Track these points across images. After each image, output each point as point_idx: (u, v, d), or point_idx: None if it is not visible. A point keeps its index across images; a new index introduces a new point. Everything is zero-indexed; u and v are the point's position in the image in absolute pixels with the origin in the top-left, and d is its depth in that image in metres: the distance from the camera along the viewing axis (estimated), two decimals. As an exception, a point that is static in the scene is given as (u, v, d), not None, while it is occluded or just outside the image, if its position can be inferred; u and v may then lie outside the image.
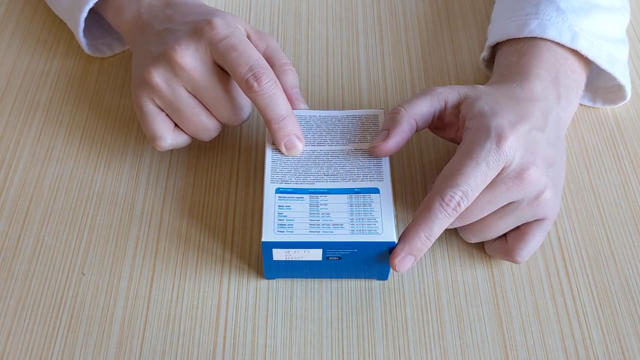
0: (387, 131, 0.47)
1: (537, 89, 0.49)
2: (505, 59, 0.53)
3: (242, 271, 0.49)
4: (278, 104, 0.47)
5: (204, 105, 0.49)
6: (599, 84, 0.57)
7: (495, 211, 0.46)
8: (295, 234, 0.44)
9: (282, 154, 0.48)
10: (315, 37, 0.63)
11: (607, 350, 0.46)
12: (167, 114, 0.49)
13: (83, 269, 0.49)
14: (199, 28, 0.47)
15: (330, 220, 0.44)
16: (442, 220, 0.43)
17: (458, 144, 0.47)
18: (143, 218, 0.51)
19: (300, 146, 0.47)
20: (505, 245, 0.47)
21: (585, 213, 0.52)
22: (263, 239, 0.44)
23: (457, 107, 0.48)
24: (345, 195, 0.46)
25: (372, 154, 0.48)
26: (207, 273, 0.49)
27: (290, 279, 0.48)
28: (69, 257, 0.49)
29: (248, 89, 0.46)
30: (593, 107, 0.59)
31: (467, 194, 0.43)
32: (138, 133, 0.56)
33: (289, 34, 0.63)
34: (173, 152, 0.55)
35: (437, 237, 0.44)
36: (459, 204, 0.43)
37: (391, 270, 0.48)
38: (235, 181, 0.53)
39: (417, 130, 0.48)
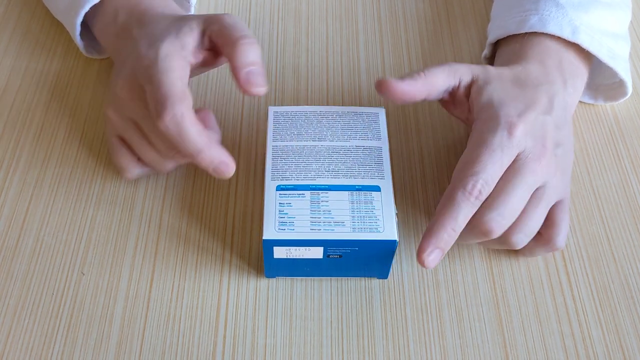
0: (403, 79, 0.47)
1: (541, 73, 0.49)
2: (506, 51, 0.53)
3: (242, 271, 0.49)
4: (188, 141, 0.44)
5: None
6: (601, 81, 0.57)
7: (529, 203, 0.45)
8: (296, 231, 0.44)
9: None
10: (315, 36, 0.63)
11: (607, 349, 0.46)
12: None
13: (83, 269, 0.49)
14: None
15: (332, 218, 0.44)
16: (466, 210, 0.43)
17: (464, 122, 0.49)
18: (143, 218, 0.51)
19: (230, 170, 0.46)
20: (541, 238, 0.47)
21: (585, 213, 0.52)
22: (264, 237, 0.44)
23: (469, 87, 0.49)
24: (347, 192, 0.46)
25: (378, 89, 0.47)
26: (207, 273, 0.49)
27: (290, 278, 0.48)
28: (69, 257, 0.49)
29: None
30: (593, 105, 0.58)
31: (487, 182, 0.43)
32: (138, 133, 0.56)
33: (289, 33, 0.63)
34: (173, 151, 0.55)
35: (462, 228, 0.43)
36: (480, 191, 0.43)
37: (391, 269, 0.48)
38: (235, 181, 0.53)
39: (426, 99, 0.49)
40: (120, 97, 0.47)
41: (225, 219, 0.51)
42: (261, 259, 0.49)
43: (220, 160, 0.45)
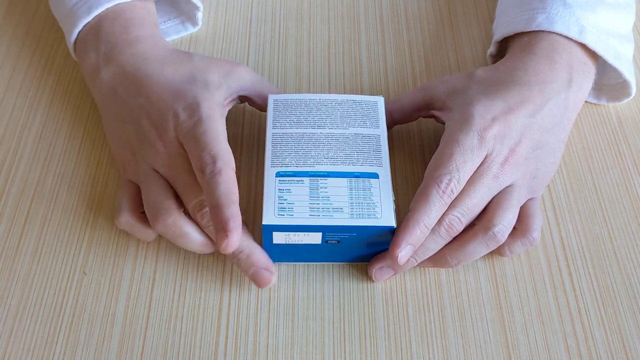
0: None
1: (545, 70, 0.50)
2: (515, 46, 0.54)
3: (243, 271, 0.49)
4: (215, 192, 0.43)
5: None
6: (605, 81, 0.57)
7: (502, 198, 0.46)
8: (295, 217, 0.44)
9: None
10: (317, 36, 0.63)
11: (610, 349, 0.46)
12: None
13: (84, 269, 0.49)
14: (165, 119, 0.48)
15: (330, 204, 0.45)
16: (439, 207, 0.45)
17: None
18: (144, 217, 0.51)
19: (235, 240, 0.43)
20: (517, 231, 0.47)
21: (587, 212, 0.52)
22: (264, 222, 0.44)
23: (444, 100, 0.51)
24: (345, 179, 0.46)
25: None
26: (209, 272, 0.49)
27: (292, 278, 0.48)
28: (71, 256, 0.49)
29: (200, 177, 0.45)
30: (595, 105, 0.58)
31: (460, 181, 0.45)
32: (139, 132, 0.56)
33: (291, 33, 0.63)
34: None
35: (432, 226, 0.45)
36: (452, 190, 0.45)
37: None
38: (237, 179, 0.53)
39: (395, 123, 0.53)
40: (152, 145, 0.47)
41: (227, 219, 0.51)
42: (263, 259, 0.49)
43: (233, 224, 0.42)
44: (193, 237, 0.46)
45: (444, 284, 0.48)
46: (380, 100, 0.51)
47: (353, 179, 0.46)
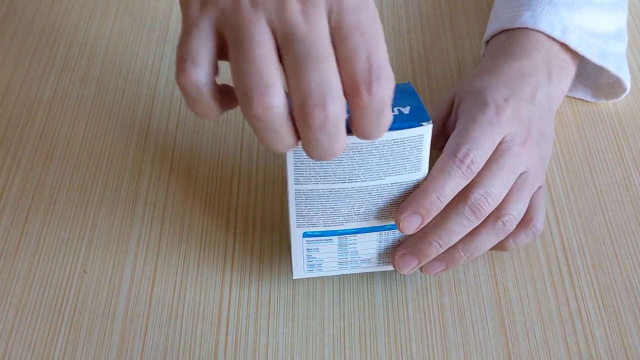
0: None
1: (526, 65, 0.50)
2: (495, 43, 0.54)
3: (244, 269, 0.49)
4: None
5: None
6: (602, 80, 0.57)
7: (516, 186, 0.45)
8: (324, 271, 0.46)
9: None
10: (317, 35, 0.63)
11: (610, 348, 0.46)
12: None
13: (85, 267, 0.49)
14: None
15: (359, 257, 0.45)
16: (455, 178, 0.42)
17: None
18: (145, 216, 0.51)
19: None
20: (522, 220, 0.46)
21: (587, 211, 0.52)
22: (294, 277, 0.46)
23: (448, 115, 0.50)
24: (376, 233, 0.44)
25: None
26: (209, 271, 0.49)
27: (292, 279, 0.48)
28: (71, 255, 0.49)
29: (359, 93, 0.32)
30: (595, 104, 0.58)
31: (480, 154, 0.42)
32: (140, 131, 0.56)
33: (291, 32, 0.63)
34: (175, 149, 0.55)
35: (448, 200, 0.42)
36: (473, 161, 0.42)
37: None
38: (237, 178, 0.53)
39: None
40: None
41: (228, 216, 0.51)
42: (263, 258, 0.49)
43: None
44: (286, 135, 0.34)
45: (444, 283, 0.48)
46: (427, 132, 0.40)
47: (383, 232, 0.44)
